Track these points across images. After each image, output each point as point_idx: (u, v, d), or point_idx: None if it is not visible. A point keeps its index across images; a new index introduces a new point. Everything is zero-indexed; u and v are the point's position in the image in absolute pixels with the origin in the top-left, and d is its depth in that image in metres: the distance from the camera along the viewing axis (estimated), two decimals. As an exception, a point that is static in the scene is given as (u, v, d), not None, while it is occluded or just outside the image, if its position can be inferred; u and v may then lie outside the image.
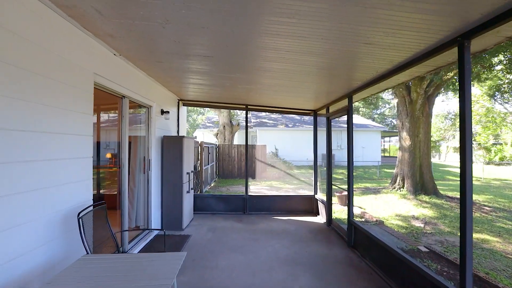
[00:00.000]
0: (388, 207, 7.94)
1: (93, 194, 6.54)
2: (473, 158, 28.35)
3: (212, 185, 12.56)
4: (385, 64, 3.03)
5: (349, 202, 4.50)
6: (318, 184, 6.75)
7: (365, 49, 2.68)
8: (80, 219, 2.39)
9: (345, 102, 5.02)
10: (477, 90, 25.01)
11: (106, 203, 2.99)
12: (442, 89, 9.58)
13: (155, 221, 5.06)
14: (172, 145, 5.27)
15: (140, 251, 4.15)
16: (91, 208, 2.78)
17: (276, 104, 6.53)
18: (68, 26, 2.52)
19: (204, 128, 25.02)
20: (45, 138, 2.25)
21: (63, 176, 2.47)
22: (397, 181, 9.60)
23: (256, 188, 12.00)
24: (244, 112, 6.82)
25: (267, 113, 29.64)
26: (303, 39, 2.55)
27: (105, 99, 5.41)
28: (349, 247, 4.47)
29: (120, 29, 2.63)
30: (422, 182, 9.18)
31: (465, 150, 2.10)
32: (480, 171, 18.93)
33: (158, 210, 5.18)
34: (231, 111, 18.05)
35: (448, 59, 2.63)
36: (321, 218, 6.20)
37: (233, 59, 3.35)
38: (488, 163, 25.04)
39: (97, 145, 6.43)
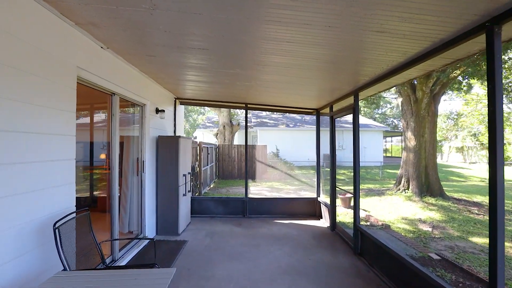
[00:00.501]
0: (394, 210, 7.65)
1: (86, 197, 6.28)
2: (476, 158, 28.16)
3: (211, 186, 12.29)
4: (397, 56, 2.75)
5: (355, 206, 4.22)
6: (321, 186, 6.47)
7: (376, 38, 2.40)
8: (57, 230, 2.12)
9: (350, 100, 4.74)
10: (479, 90, 24.76)
11: (90, 209, 2.73)
12: (448, 87, 9.28)
13: (150, 226, 4.79)
14: (168, 146, 5.00)
15: (131, 260, 3.88)
16: (73, 215, 2.52)
17: (276, 102, 6.26)
18: (45, 13, 2.25)
19: (204, 128, 24.77)
20: (17, 138, 1.98)
21: (38, 181, 2.20)
22: (402, 182, 9.30)
23: (257, 189, 11.73)
24: (244, 111, 6.56)
25: (268, 113, 29.39)
26: (307, 27, 2.27)
27: (99, 98, 5.15)
28: (355, 254, 4.19)
29: (103, 17, 2.36)
30: (427, 184, 8.89)
31: (495, 154, 1.82)
32: (485, 171, 18.62)
33: (153, 214, 4.91)
34: (231, 110, 17.77)
35: (471, 49, 2.35)
36: (324, 222, 5.92)
37: (230, 52, 3.07)
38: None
39: (91, 146, 6.17)
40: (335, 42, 2.58)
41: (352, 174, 5.42)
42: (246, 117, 6.54)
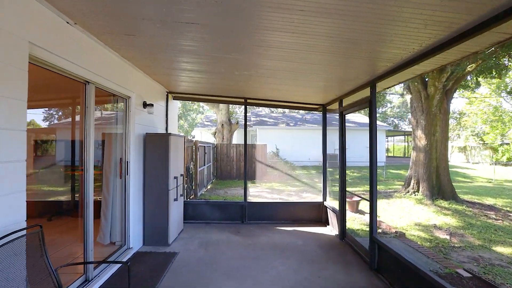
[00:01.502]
0: (405, 214, 7.09)
1: (68, 201, 5.68)
2: (479, 158, 27.66)
3: (208, 187, 11.71)
4: (439, 31, 2.17)
5: (372, 214, 3.65)
6: (327, 189, 5.90)
7: (418, 2, 1.82)
8: (-17, 259, 1.53)
9: (363, 94, 4.17)
10: (482, 89, 24.25)
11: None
12: (461, 83, 8.70)
13: (136, 236, 4.20)
14: (156, 144, 4.41)
15: (109, 279, 3.28)
16: (22, 233, 1.93)
17: (278, 97, 5.67)
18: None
19: (202, 127, 24.18)
20: None
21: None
22: (411, 184, 8.74)
23: (256, 190, 11.15)
24: (243, 109, 5.98)
25: (267, 111, 28.84)
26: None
27: (78, 89, 4.60)
28: (371, 270, 3.62)
29: (56, -28, 1.78)
30: (439, 186, 8.33)
31: None
32: (491, 172, 18.12)
33: (139, 222, 4.32)
34: (230, 109, 17.19)
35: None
36: (331, 229, 5.35)
37: (227, 27, 2.49)
38: (495, 164, 24.31)
39: (72, 144, 5.58)
40: (360, 10, 1.99)
41: (356, 174, 4.85)
42: (245, 113, 5.96)
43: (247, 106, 6.02)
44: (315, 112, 6.11)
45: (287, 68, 3.58)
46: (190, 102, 29.56)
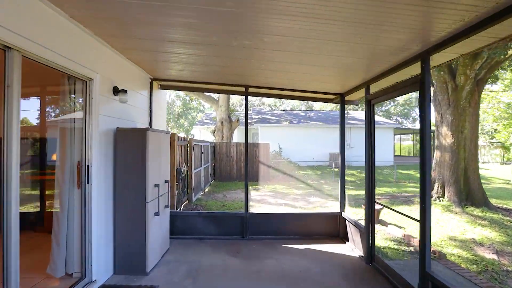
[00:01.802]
0: (434, 225, 6.03)
1: (36, 213, 4.66)
2: (488, 157, 26.56)
3: (206, 190, 10.68)
4: None
5: (424, 241, 2.60)
6: (346, 198, 4.86)
7: None
8: None
9: (402, 75, 3.14)
10: (493, 86, 23.11)
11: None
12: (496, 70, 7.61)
13: (102, 264, 3.17)
14: (130, 143, 3.37)
15: None
16: None
17: (285, 84, 4.63)
18: None
19: (201, 125, 23.19)
20: None
21: None
22: (435, 188, 7.68)
23: (258, 194, 10.11)
24: (244, 107, 4.95)
25: (269, 109, 27.80)
26: None
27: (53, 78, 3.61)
28: (424, 319, 2.58)
29: None
30: (467, 190, 7.27)
31: None
32: (505, 172, 17.08)
33: (107, 245, 3.29)
34: (230, 106, 16.13)
35: None
36: (352, 248, 4.31)
37: None
38: (505, 163, 23.23)
39: (41, 143, 4.56)
40: None
41: (363, 175, 3.83)
42: (246, 105, 4.91)
43: (249, 97, 4.98)
44: (331, 103, 5.03)
45: (302, 34, 2.53)
46: (189, 100, 28.50)
